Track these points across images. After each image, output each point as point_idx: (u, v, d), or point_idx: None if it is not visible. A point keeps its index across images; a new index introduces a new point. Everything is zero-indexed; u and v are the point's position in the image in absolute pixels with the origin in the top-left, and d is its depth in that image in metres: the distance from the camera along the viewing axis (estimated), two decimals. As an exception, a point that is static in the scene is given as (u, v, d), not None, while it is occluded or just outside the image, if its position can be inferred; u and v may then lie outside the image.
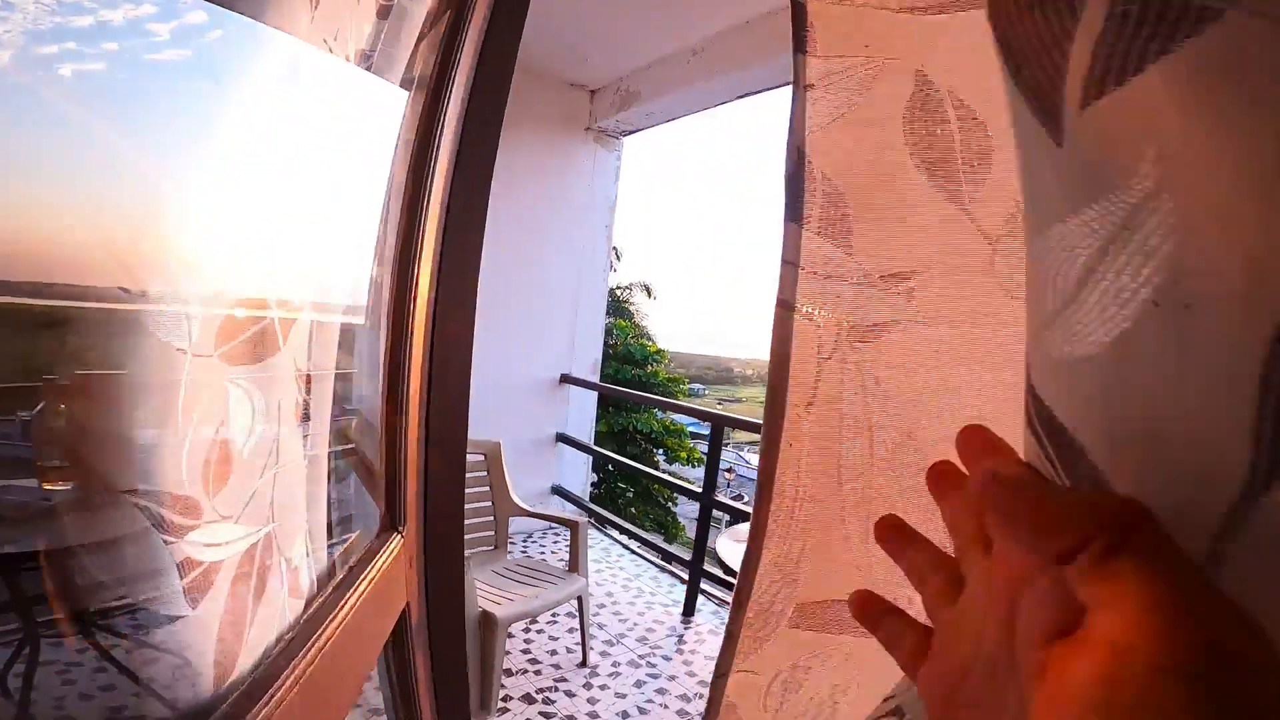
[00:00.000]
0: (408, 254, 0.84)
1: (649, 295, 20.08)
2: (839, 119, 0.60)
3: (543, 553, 4.02)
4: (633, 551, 4.15)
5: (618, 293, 19.76)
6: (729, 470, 27.32)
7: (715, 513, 3.48)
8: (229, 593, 0.52)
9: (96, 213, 0.45)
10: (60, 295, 0.44)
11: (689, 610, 3.37)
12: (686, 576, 3.52)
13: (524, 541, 4.18)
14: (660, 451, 17.99)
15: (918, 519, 0.32)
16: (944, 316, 0.58)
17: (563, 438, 4.57)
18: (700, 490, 3.44)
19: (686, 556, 3.55)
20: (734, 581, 0.74)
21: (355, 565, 0.77)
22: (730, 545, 2.43)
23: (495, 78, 0.88)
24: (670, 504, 18.37)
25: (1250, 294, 0.17)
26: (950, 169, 0.56)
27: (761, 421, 0.68)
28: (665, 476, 4.38)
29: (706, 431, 3.41)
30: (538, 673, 2.73)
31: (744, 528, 2.35)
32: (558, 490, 4.62)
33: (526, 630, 3.04)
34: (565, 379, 4.47)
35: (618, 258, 19.62)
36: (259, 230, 0.59)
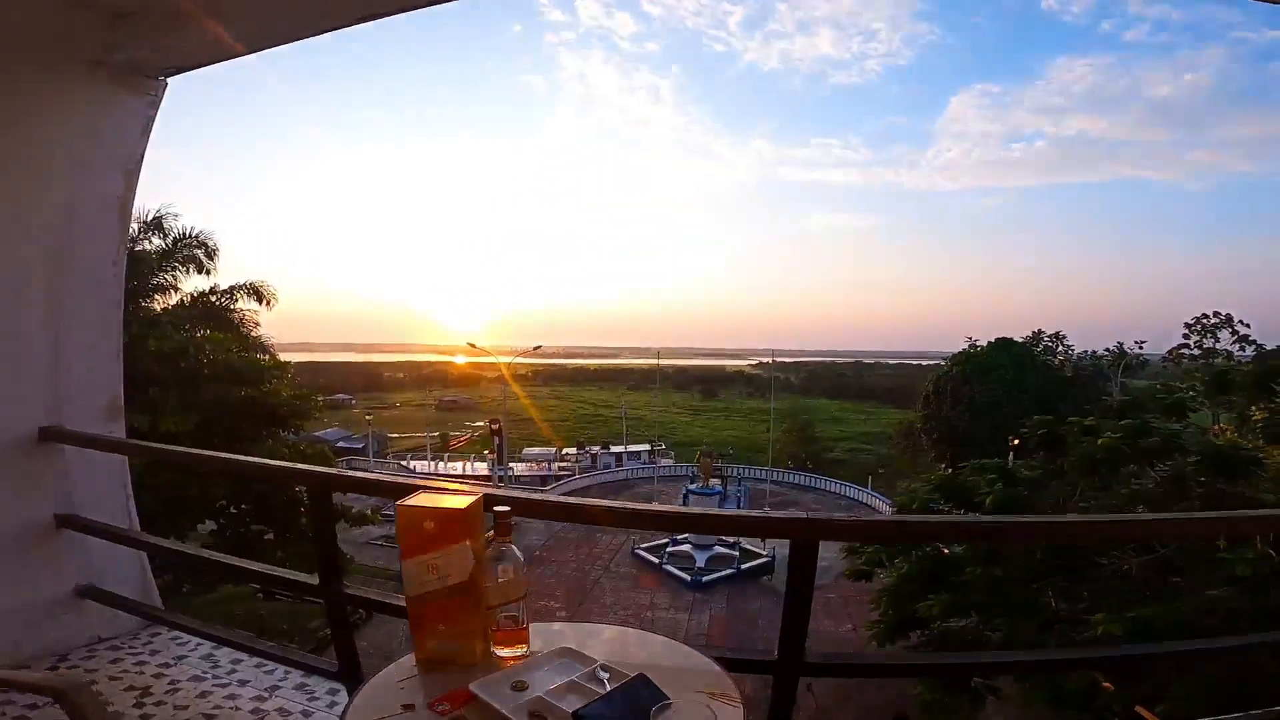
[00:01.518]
0: None
1: (260, 300, 16.57)
2: None
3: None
4: (258, 654, 2.73)
5: (212, 300, 15.86)
6: (390, 485, 24.89)
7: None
8: None
9: None
10: None
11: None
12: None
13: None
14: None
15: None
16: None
17: (69, 521, 2.83)
18: (317, 581, 2.21)
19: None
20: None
21: None
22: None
23: None
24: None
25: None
26: None
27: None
28: (256, 568, 2.94)
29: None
30: None
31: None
32: (90, 593, 2.95)
33: None
34: (51, 435, 2.72)
35: (208, 255, 15.71)
36: None
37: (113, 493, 3.06)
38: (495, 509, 1.38)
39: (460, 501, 1.35)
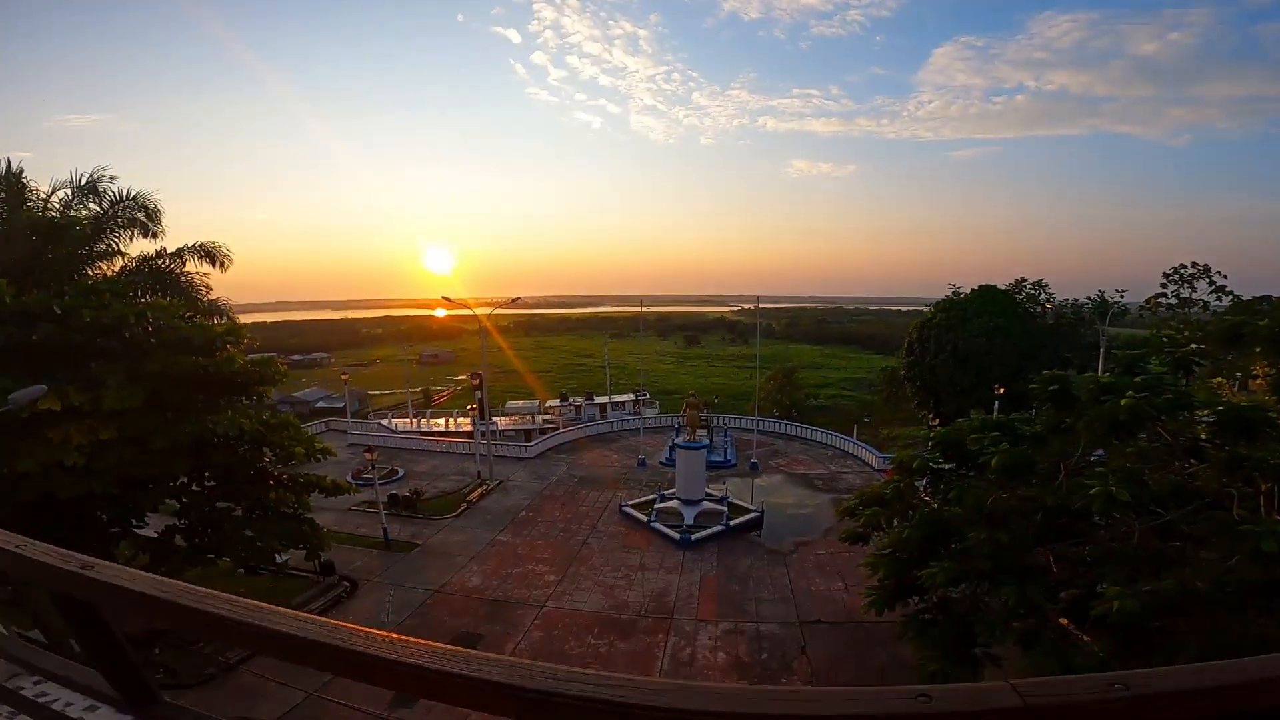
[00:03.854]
0: None
1: (213, 262, 15.43)
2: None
3: None
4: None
5: (159, 264, 14.71)
6: (370, 450, 24.04)
7: None
8: None
9: None
10: None
11: None
12: None
13: None
14: (271, 451, 14.36)
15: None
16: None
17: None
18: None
19: None
20: None
21: None
22: None
23: None
24: (302, 509, 15.01)
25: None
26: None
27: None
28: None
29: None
30: None
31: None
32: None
33: None
34: None
35: (150, 218, 14.46)
36: None
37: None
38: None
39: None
